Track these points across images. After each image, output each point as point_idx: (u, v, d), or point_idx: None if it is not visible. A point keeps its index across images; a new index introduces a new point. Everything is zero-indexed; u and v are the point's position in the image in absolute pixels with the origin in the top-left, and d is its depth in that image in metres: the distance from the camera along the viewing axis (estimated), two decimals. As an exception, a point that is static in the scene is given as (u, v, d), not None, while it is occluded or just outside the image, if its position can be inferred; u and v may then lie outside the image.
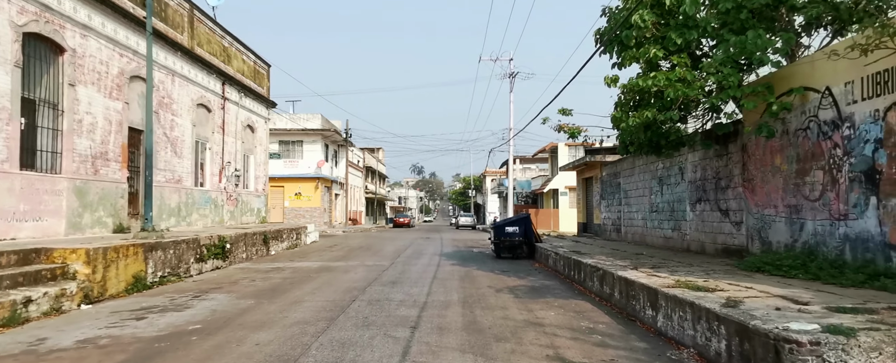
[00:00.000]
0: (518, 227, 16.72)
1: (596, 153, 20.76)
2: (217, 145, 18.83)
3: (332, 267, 13.88)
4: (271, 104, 24.29)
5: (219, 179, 18.95)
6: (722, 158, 11.07)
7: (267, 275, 12.12)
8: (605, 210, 19.90)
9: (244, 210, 21.31)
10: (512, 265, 14.76)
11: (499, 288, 10.30)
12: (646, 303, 7.14)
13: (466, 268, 13.66)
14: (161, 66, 14.88)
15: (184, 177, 16.32)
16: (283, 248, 18.91)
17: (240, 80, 20.55)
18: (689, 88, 8.69)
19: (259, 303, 8.55)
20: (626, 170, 17.52)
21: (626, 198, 17.47)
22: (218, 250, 13.52)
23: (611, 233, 19.20)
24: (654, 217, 14.91)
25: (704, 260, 10.37)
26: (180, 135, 16.10)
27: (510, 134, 34.26)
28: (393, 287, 10.28)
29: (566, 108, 15.29)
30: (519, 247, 16.66)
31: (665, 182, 14.20)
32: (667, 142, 10.31)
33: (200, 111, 17.66)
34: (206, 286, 10.43)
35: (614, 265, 9.57)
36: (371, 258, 16.49)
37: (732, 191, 10.65)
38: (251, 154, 22.37)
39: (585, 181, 23.33)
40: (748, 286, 6.63)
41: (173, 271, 11.18)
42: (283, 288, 10.17)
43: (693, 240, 12.47)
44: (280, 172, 36.81)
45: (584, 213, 23.64)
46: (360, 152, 56.57)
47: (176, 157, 15.83)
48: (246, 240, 15.53)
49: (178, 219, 15.91)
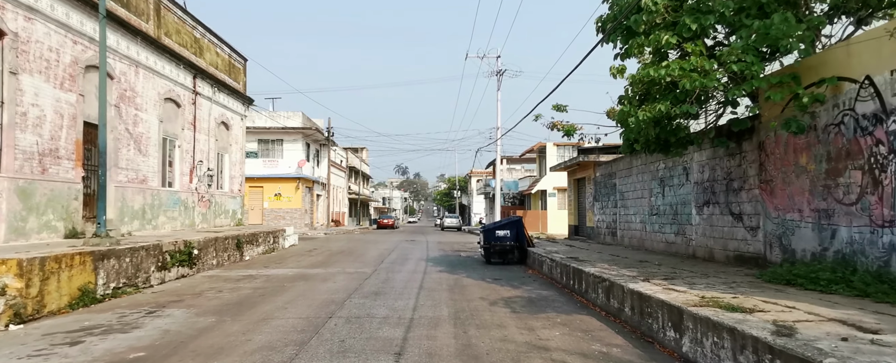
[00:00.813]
0: (509, 231, 15.76)
1: (589, 153, 19.88)
2: (188, 143, 17.61)
3: (309, 274, 12.78)
4: (248, 100, 23.07)
5: (189, 179, 17.73)
6: (734, 157, 10.19)
7: (236, 285, 11.00)
8: (599, 212, 19.03)
9: (218, 212, 20.08)
10: (504, 272, 13.78)
11: (493, 300, 9.31)
12: (666, 322, 6.18)
13: (455, 276, 12.65)
14: (122, 55, 13.67)
15: (149, 176, 15.10)
16: (258, 253, 17.75)
17: (213, 73, 19.33)
18: (707, 79, 7.77)
19: (220, 321, 7.45)
20: (622, 170, 16.65)
21: (623, 199, 16.60)
22: (184, 257, 12.35)
23: (605, 236, 18.33)
24: (655, 220, 14.03)
25: (718, 269, 9.47)
26: (145, 131, 14.87)
27: (497, 133, 33.30)
28: (375, 299, 9.23)
29: (561, 104, 14.25)
30: (510, 252, 15.70)
31: (667, 183, 13.32)
32: (677, 139, 9.38)
33: (169, 106, 16.43)
34: (166, 298, 9.29)
35: (621, 276, 8.62)
36: (352, 264, 15.41)
37: (747, 193, 9.77)
38: (226, 153, 21.14)
39: (577, 182, 22.45)
40: (789, 305, 5.70)
41: (130, 281, 10.02)
42: (252, 301, 9.07)
43: (700, 246, 11.59)
44: (259, 172, 35.50)
45: (575, 216, 22.77)
46: (343, 152, 55.31)
47: (140, 155, 14.61)
48: (217, 245, 14.37)
49: (143, 222, 14.69)
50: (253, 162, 35.63)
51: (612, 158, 18.06)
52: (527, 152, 40.56)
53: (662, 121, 8.96)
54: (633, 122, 8.60)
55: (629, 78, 8.75)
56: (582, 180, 21.59)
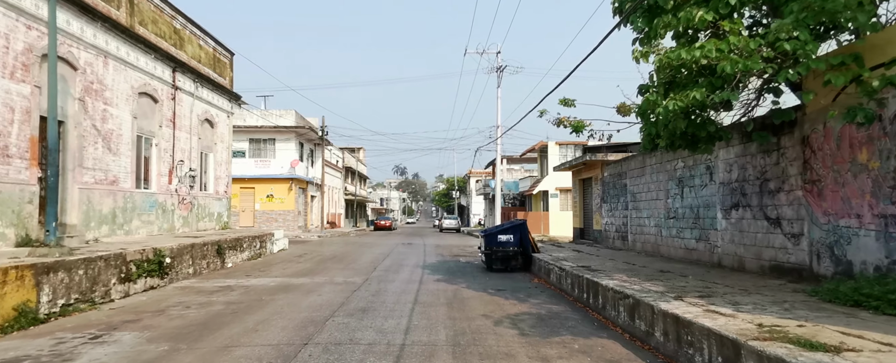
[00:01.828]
0: (512, 236, 14.54)
1: (596, 151, 18.67)
2: (166, 141, 16.38)
3: (293, 285, 11.57)
4: (235, 97, 21.83)
5: (168, 180, 16.50)
6: (770, 154, 8.99)
7: (209, 299, 9.78)
8: (608, 215, 17.82)
9: (201, 215, 18.85)
10: (507, 281, 12.57)
11: (497, 318, 8.10)
12: (715, 357, 4.98)
13: (454, 286, 11.44)
14: (88, 44, 12.44)
15: (121, 177, 13.86)
16: (242, 259, 16.52)
17: (195, 67, 18.10)
18: (751, 61, 6.57)
19: (173, 349, 6.23)
20: (634, 169, 15.45)
21: (634, 201, 15.40)
22: (153, 266, 11.13)
23: (614, 240, 17.12)
24: (672, 224, 12.83)
25: (755, 282, 8.27)
26: (116, 128, 13.64)
27: (498, 132, 32.11)
28: (362, 318, 8.02)
29: (568, 99, 13.14)
30: (513, 259, 14.48)
31: (687, 184, 12.12)
32: (707, 134, 8.17)
33: (144, 101, 15.20)
34: (122, 317, 8.07)
35: (647, 291, 7.42)
36: (342, 272, 14.18)
37: (786, 195, 8.56)
38: (210, 152, 19.90)
39: (583, 182, 21.25)
40: (884, 341, 4.49)
41: (84, 297, 8.80)
42: (220, 320, 7.86)
43: (726, 254, 10.39)
44: (250, 173, 34.26)
45: (580, 218, 21.56)
46: (339, 152, 54.07)
47: (109, 154, 13.37)
48: (193, 252, 13.15)
49: (113, 227, 13.46)
50: (244, 162, 34.40)
51: (622, 157, 16.86)
52: (528, 151, 39.34)
53: (693, 112, 7.78)
54: (661, 112, 7.38)
55: (656, 62, 7.53)
56: (588, 180, 20.39)
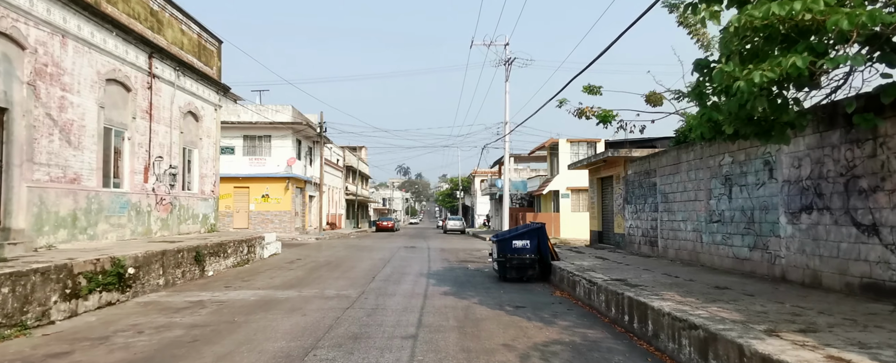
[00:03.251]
0: (529, 241, 12.81)
1: (619, 146, 16.92)
2: (141, 135, 14.70)
3: (276, 300, 9.87)
4: (223, 88, 20.15)
5: (144, 178, 14.81)
6: (862, 145, 7.24)
7: (170, 320, 8.09)
8: (632, 217, 16.08)
9: (184, 217, 17.17)
10: (524, 294, 10.86)
11: (523, 350, 6.39)
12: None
13: (465, 302, 9.73)
14: (40, 20, 10.76)
15: (84, 174, 12.18)
16: (226, 267, 14.83)
17: (176, 54, 16.41)
18: (878, 14, 4.83)
19: (87, 408, 4.53)
20: (666, 166, 13.69)
21: (666, 202, 13.65)
22: (110, 279, 9.45)
23: (640, 245, 15.38)
24: (717, 229, 11.08)
25: (851, 305, 6.53)
26: (77, 118, 11.96)
27: (506, 128, 30.38)
28: (353, 351, 6.31)
29: (594, 85, 11.54)
30: (530, 267, 12.74)
31: (736, 181, 10.37)
32: (788, 118, 6.40)
33: (114, 89, 13.52)
34: (50, 348, 6.39)
35: (719, 320, 5.68)
36: (336, 281, 12.48)
37: (887, 196, 6.82)
38: (195, 147, 18.22)
39: (601, 181, 19.49)
40: None
41: (10, 320, 7.12)
42: (171, 354, 6.16)
43: (793, 267, 8.64)
44: (244, 171, 32.60)
45: (599, 220, 19.79)
46: (340, 150, 52.43)
47: (69, 148, 11.69)
48: (166, 260, 11.46)
49: (73, 231, 11.77)
50: (238, 160, 32.75)
51: (650, 153, 15.10)
52: (537, 149, 37.54)
53: (778, 88, 6.05)
54: (742, 88, 5.63)
55: (734, 22, 5.78)
56: (608, 179, 18.63)
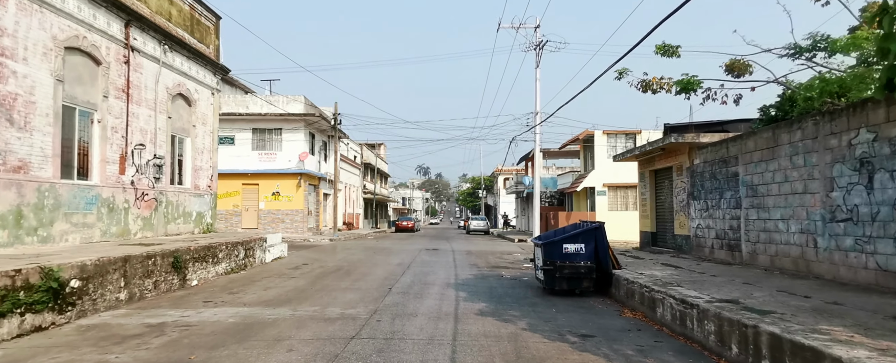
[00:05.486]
0: (583, 245, 10.17)
1: (684, 131, 14.17)
2: (116, 118, 12.40)
3: (258, 324, 7.40)
4: (222, 70, 17.85)
5: (120, 169, 12.52)
6: None
7: (101, 358, 5.68)
8: (701, 215, 13.33)
9: (173, 215, 14.87)
10: (584, 313, 8.27)
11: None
12: None
13: (510, 328, 7.16)
14: (-36, -37, 8.47)
15: (34, 162, 9.89)
16: (216, 274, 12.45)
17: (162, 26, 14.11)
18: None
19: None
20: (754, 151, 10.95)
21: (755, 196, 10.91)
22: (40, 296, 7.10)
23: (714, 250, 12.63)
24: (842, 230, 8.34)
25: None
26: (23, 92, 9.66)
27: (537, 119, 27.68)
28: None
29: (670, 45, 9.44)
30: (585, 278, 10.11)
31: (884, 166, 7.63)
32: None
33: (77, 60, 11.23)
34: None
35: None
36: (343, 294, 9.99)
37: None
38: (187, 136, 15.93)
39: (655, 174, 16.75)
40: None
41: None
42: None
43: None
44: (254, 167, 30.38)
45: (652, 219, 17.04)
46: (357, 146, 50.15)
47: (11, 129, 9.39)
48: (129, 268, 9.09)
49: (17, 232, 9.47)
50: (247, 154, 30.57)
51: (728, 136, 12.35)
52: (569, 142, 34.63)
53: None
54: None
55: None
56: (665, 171, 15.88)
